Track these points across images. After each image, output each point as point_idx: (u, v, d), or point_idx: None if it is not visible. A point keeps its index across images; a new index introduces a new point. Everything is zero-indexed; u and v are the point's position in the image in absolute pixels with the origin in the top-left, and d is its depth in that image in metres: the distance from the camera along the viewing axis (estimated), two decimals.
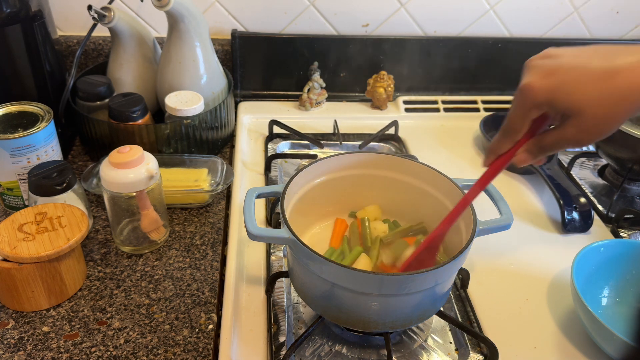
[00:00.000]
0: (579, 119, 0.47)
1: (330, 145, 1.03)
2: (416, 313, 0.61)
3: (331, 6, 1.12)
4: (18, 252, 0.63)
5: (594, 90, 0.46)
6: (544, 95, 0.48)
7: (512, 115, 0.51)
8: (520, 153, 0.53)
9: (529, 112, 0.50)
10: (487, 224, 0.63)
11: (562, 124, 0.49)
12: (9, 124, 0.76)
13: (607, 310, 0.72)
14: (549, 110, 0.49)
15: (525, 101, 0.49)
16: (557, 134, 0.50)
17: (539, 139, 0.52)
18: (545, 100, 0.48)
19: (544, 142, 0.51)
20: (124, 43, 0.95)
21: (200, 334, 0.66)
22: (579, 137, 0.49)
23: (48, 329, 0.65)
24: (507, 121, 0.52)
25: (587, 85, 0.46)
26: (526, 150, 0.53)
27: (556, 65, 0.48)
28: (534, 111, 0.50)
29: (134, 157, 0.70)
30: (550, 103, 0.48)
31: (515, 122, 0.51)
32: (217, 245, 0.79)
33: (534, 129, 0.52)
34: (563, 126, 0.49)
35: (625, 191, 0.96)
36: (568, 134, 0.49)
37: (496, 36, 1.17)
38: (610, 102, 0.46)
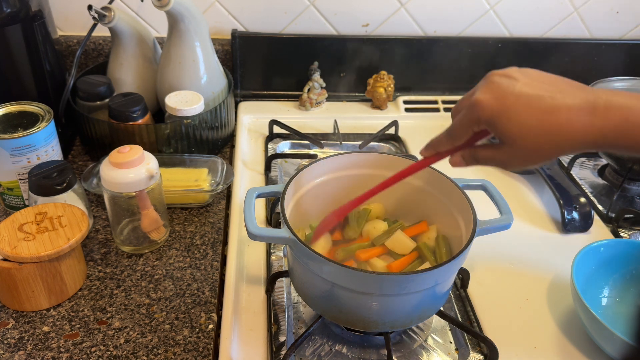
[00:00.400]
0: (511, 147, 0.50)
1: (330, 145, 1.03)
2: (416, 313, 0.61)
3: (331, 6, 1.12)
4: (18, 251, 0.63)
5: (529, 124, 0.48)
6: (487, 115, 0.49)
7: (457, 123, 0.53)
8: (456, 156, 0.56)
9: (472, 124, 0.52)
10: (487, 224, 0.63)
11: (498, 145, 0.51)
12: (9, 123, 0.76)
13: (607, 310, 0.72)
14: (490, 130, 0.51)
15: (471, 115, 0.51)
16: (490, 153, 0.53)
17: (475, 151, 0.54)
18: (487, 120, 0.50)
19: (478, 155, 0.54)
20: (124, 43, 0.95)
21: (201, 334, 0.66)
22: (508, 162, 0.52)
23: (48, 329, 0.65)
24: (452, 127, 0.54)
25: (524, 118, 0.48)
26: (462, 155, 0.56)
27: (509, 89, 0.49)
28: (475, 125, 0.52)
29: (134, 157, 0.70)
30: (491, 124, 0.50)
31: (458, 130, 0.54)
32: (217, 245, 0.79)
33: (474, 139, 0.55)
34: (497, 147, 0.52)
35: (625, 191, 0.96)
36: (499, 156, 0.52)
37: (496, 36, 1.17)
38: (542, 139, 0.48)
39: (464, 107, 0.52)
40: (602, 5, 1.17)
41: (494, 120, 0.49)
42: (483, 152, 0.54)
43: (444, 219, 0.70)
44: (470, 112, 0.51)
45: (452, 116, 0.56)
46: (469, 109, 0.51)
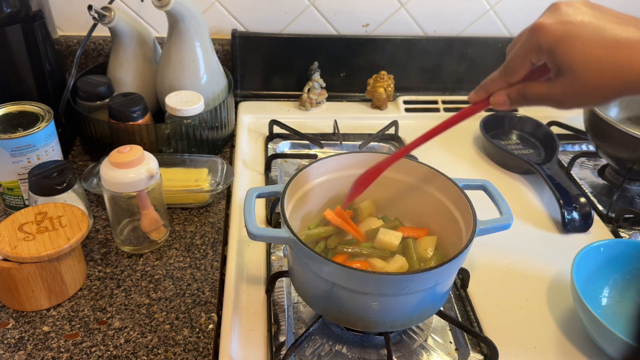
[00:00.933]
0: (569, 78, 0.45)
1: (330, 145, 1.03)
2: (416, 313, 0.61)
3: (331, 6, 1.12)
4: (18, 251, 0.63)
5: (595, 54, 0.44)
6: (550, 40, 0.45)
7: (514, 54, 0.49)
8: (500, 94, 0.51)
9: (531, 54, 0.48)
10: (487, 223, 0.63)
11: (554, 79, 0.47)
12: (9, 123, 0.76)
13: (607, 310, 0.72)
14: (548, 60, 0.47)
15: (531, 40, 0.47)
16: (543, 87, 0.48)
17: (525, 87, 0.50)
18: (549, 46, 0.46)
19: (526, 91, 0.49)
20: (124, 43, 0.95)
21: (201, 334, 0.66)
22: (563, 97, 0.47)
23: (48, 329, 0.65)
24: (507, 60, 0.50)
25: (591, 47, 0.44)
26: (507, 94, 0.51)
27: (576, 16, 0.45)
28: (535, 55, 0.48)
29: (134, 157, 0.70)
30: (552, 51, 0.46)
31: (514, 61, 0.49)
32: (217, 245, 0.79)
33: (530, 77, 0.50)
34: (553, 81, 0.47)
35: (625, 191, 0.96)
36: (553, 91, 0.47)
37: (496, 36, 1.17)
38: (604, 71, 0.44)
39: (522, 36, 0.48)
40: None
41: (556, 47, 0.45)
42: (535, 87, 0.49)
43: (444, 219, 0.70)
44: (531, 38, 0.47)
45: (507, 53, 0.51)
46: (529, 35, 0.47)
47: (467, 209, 0.64)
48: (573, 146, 1.11)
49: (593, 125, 0.94)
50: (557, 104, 0.48)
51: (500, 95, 0.51)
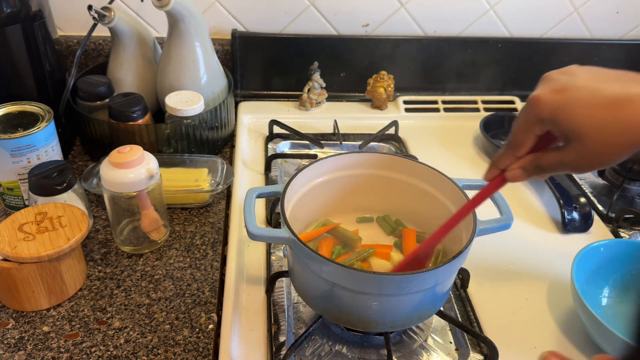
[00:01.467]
0: (579, 143, 0.45)
1: (330, 145, 1.03)
2: (416, 313, 0.61)
3: (331, 6, 1.12)
4: (18, 251, 0.63)
5: (599, 116, 0.43)
6: (549, 111, 0.46)
7: (517, 128, 0.50)
8: (514, 169, 0.51)
9: (533, 126, 0.48)
10: (487, 223, 0.63)
11: (564, 147, 0.47)
12: (9, 124, 0.76)
13: (607, 310, 0.72)
14: (553, 129, 0.47)
15: (530, 114, 0.47)
16: (556, 155, 0.48)
17: (538, 157, 0.50)
18: (550, 117, 0.46)
19: (541, 162, 0.49)
20: (124, 43, 0.95)
21: (201, 334, 0.66)
22: (577, 162, 0.46)
23: (48, 329, 0.65)
24: (512, 134, 0.50)
25: (593, 109, 0.44)
26: (521, 166, 0.51)
27: (570, 83, 0.45)
28: (537, 127, 0.48)
29: (134, 157, 0.70)
30: (554, 121, 0.46)
31: (519, 135, 0.49)
32: (217, 245, 0.79)
33: (537, 148, 0.50)
34: (564, 149, 0.47)
35: (625, 191, 0.96)
36: (567, 158, 0.47)
37: (496, 36, 1.17)
38: (613, 131, 0.43)
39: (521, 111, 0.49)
40: (602, 5, 1.17)
41: (557, 115, 0.45)
42: (548, 157, 0.48)
43: (444, 219, 0.69)
44: (530, 111, 0.47)
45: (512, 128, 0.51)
46: (527, 109, 0.47)
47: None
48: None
49: None
50: (575, 170, 0.47)
51: (515, 170, 0.51)
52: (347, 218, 0.78)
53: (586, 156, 0.45)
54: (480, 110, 1.16)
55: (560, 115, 0.45)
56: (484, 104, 1.18)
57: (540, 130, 0.48)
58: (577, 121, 0.44)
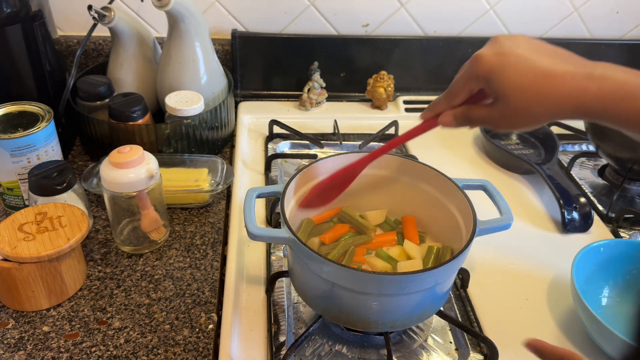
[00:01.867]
0: (504, 103, 0.50)
1: (330, 145, 1.03)
2: (416, 313, 0.61)
3: (331, 6, 1.12)
4: (18, 251, 0.63)
5: (525, 83, 0.48)
6: (486, 70, 0.50)
7: (456, 80, 0.54)
8: (447, 115, 0.55)
9: (470, 81, 0.52)
10: (487, 223, 0.63)
11: (492, 104, 0.52)
12: (9, 124, 0.76)
13: (607, 310, 0.72)
14: (485, 87, 0.51)
15: (470, 69, 0.52)
16: (483, 110, 0.52)
17: (468, 109, 0.54)
18: (485, 75, 0.50)
19: (471, 113, 0.54)
20: (124, 43, 0.95)
21: (201, 334, 0.66)
22: (499, 120, 0.51)
23: (48, 329, 0.65)
24: (451, 85, 0.55)
25: (521, 76, 0.48)
26: (453, 114, 0.55)
27: (512, 49, 0.50)
28: (474, 82, 0.52)
29: (134, 157, 0.70)
30: (488, 79, 0.50)
31: (457, 86, 0.54)
32: (217, 245, 0.79)
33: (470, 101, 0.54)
34: (492, 106, 0.52)
35: (625, 191, 0.96)
36: (492, 114, 0.52)
37: None
38: (534, 99, 0.48)
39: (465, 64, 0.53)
40: (602, 5, 1.17)
41: (491, 76, 0.50)
42: (476, 110, 0.53)
43: (444, 219, 0.70)
44: (470, 66, 0.52)
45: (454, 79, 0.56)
46: (469, 64, 0.52)
47: (467, 209, 0.64)
48: (573, 146, 1.11)
49: (593, 125, 0.94)
50: (494, 126, 0.52)
51: (447, 115, 0.55)
52: None
53: (507, 116, 0.50)
54: None
55: (494, 75, 0.49)
56: None
57: (476, 85, 0.52)
58: (506, 83, 0.49)
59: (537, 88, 0.48)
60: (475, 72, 0.51)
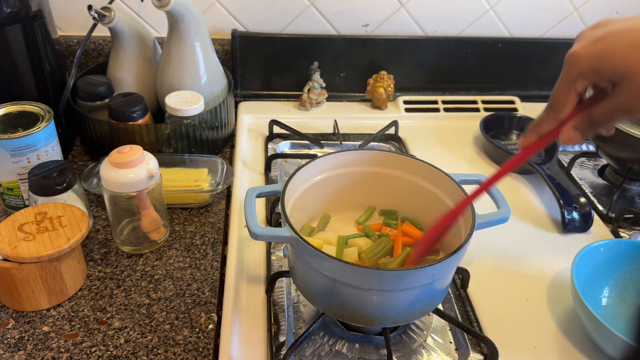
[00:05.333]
0: (627, 83, 0.44)
1: (331, 145, 1.03)
2: (417, 307, 0.61)
3: (331, 6, 1.12)
4: (18, 251, 0.63)
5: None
6: (589, 62, 0.45)
7: (557, 89, 0.48)
8: (567, 130, 0.49)
9: (574, 83, 0.46)
10: (485, 217, 0.63)
11: (612, 93, 0.45)
12: (9, 123, 0.76)
13: (607, 310, 0.72)
14: (597, 80, 0.46)
15: (570, 71, 0.46)
16: (607, 104, 0.46)
17: (588, 113, 0.47)
18: (591, 68, 0.45)
19: (593, 115, 0.47)
20: (124, 43, 0.95)
21: (201, 334, 0.66)
22: (630, 103, 0.44)
23: (48, 329, 0.65)
24: (552, 97, 0.49)
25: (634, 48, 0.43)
26: (574, 126, 0.48)
27: (606, 31, 0.45)
28: (579, 82, 0.46)
29: (134, 157, 0.70)
30: (596, 70, 0.45)
31: (559, 96, 0.48)
32: (217, 245, 0.79)
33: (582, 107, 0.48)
34: (612, 95, 0.45)
35: (625, 191, 0.96)
36: (618, 101, 0.45)
37: (496, 36, 1.17)
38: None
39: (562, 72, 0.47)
40: (602, 5, 1.17)
41: (599, 63, 0.44)
42: (599, 108, 0.46)
43: (442, 214, 0.69)
44: (568, 69, 0.46)
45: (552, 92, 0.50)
46: (566, 67, 0.46)
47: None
48: (573, 146, 1.11)
49: None
50: (628, 113, 0.46)
51: (568, 130, 0.49)
52: (346, 215, 0.78)
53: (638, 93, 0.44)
54: (480, 110, 1.17)
55: (603, 62, 0.44)
56: (484, 104, 1.18)
57: (582, 86, 0.47)
58: (621, 62, 0.43)
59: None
60: (578, 71, 0.46)
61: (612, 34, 0.44)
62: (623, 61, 0.43)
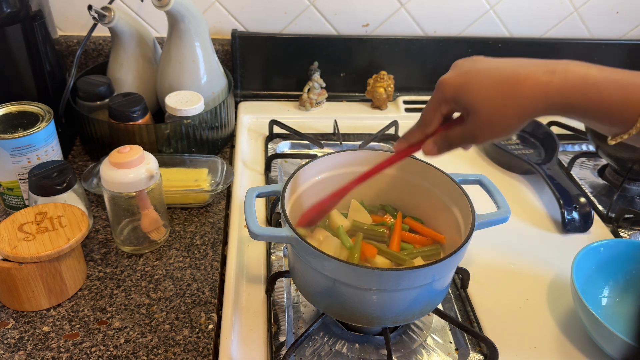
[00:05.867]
0: (476, 115, 0.51)
1: (331, 145, 1.03)
2: (417, 307, 0.61)
3: (331, 6, 1.12)
4: (18, 251, 0.63)
5: (492, 91, 0.50)
6: (452, 91, 0.52)
7: (426, 108, 0.56)
8: (428, 144, 0.57)
9: (440, 106, 0.54)
10: (485, 217, 0.63)
11: (465, 121, 0.53)
12: (10, 124, 0.76)
13: (607, 310, 0.72)
14: (455, 107, 0.53)
15: (437, 94, 0.54)
16: (459, 129, 0.54)
17: (445, 133, 0.55)
18: (452, 96, 0.52)
19: (449, 135, 0.55)
20: (124, 43, 0.95)
21: (201, 334, 0.66)
22: (476, 132, 0.52)
23: (48, 329, 0.65)
24: (422, 114, 0.56)
25: (487, 87, 0.50)
26: (433, 141, 0.56)
27: (471, 67, 0.52)
28: (443, 106, 0.54)
29: (134, 157, 0.70)
30: (456, 98, 0.52)
31: (428, 115, 0.56)
32: (217, 245, 0.79)
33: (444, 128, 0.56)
34: (465, 122, 0.53)
35: (625, 191, 0.96)
36: (468, 129, 0.53)
37: (496, 36, 1.17)
38: (503, 104, 0.49)
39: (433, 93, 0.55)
40: (602, 5, 1.17)
41: (458, 95, 0.52)
42: (453, 131, 0.55)
43: (442, 215, 0.70)
44: (437, 92, 0.54)
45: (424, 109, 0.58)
46: (436, 90, 0.54)
47: (465, 204, 0.64)
48: (573, 146, 1.11)
49: None
50: (473, 140, 0.54)
51: (428, 144, 0.57)
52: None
53: (482, 126, 0.52)
54: None
55: (461, 93, 0.52)
56: None
57: (446, 109, 0.54)
58: (474, 97, 0.51)
59: (503, 94, 0.49)
60: (442, 96, 0.53)
61: (473, 72, 0.52)
62: (473, 97, 0.51)
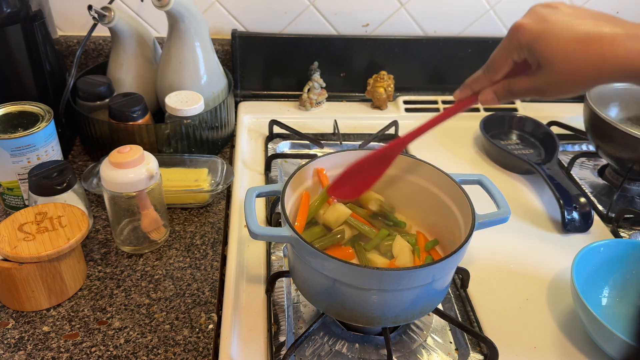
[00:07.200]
0: (549, 70, 0.49)
1: (331, 145, 1.03)
2: (417, 307, 0.61)
3: (331, 6, 1.12)
4: (18, 251, 0.63)
5: (569, 48, 0.48)
6: (528, 38, 0.49)
7: (496, 54, 0.53)
8: (487, 92, 0.55)
9: (512, 52, 0.52)
10: (485, 217, 0.63)
11: (535, 73, 0.51)
12: (9, 124, 0.76)
13: (607, 310, 0.72)
14: (528, 56, 0.51)
15: (511, 40, 0.51)
16: (527, 81, 0.52)
17: (510, 82, 0.53)
18: (527, 44, 0.50)
19: (512, 87, 0.53)
20: (124, 43, 0.95)
21: (201, 334, 0.66)
22: (544, 87, 0.51)
23: (48, 329, 0.65)
24: (490, 59, 0.54)
25: (565, 41, 0.48)
26: (494, 90, 0.54)
27: (551, 15, 0.49)
28: (516, 53, 0.51)
29: (134, 157, 0.70)
30: (531, 47, 0.50)
31: (497, 60, 0.53)
32: (217, 245, 0.79)
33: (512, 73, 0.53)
34: (535, 75, 0.51)
35: (625, 191, 0.96)
36: (536, 83, 0.51)
37: (496, 36, 1.17)
38: (579, 64, 0.47)
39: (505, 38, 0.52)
40: (602, 6, 1.17)
41: (534, 44, 0.49)
42: (519, 82, 0.52)
43: (442, 215, 0.70)
44: (511, 37, 0.51)
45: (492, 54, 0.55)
46: (509, 35, 0.51)
47: (465, 203, 0.64)
48: (573, 146, 1.11)
49: (593, 125, 0.94)
50: (540, 94, 0.52)
51: (488, 93, 0.55)
52: None
53: (552, 82, 0.50)
54: (480, 110, 1.16)
55: (537, 43, 0.49)
56: None
57: (518, 57, 0.52)
58: (550, 50, 0.48)
59: (584, 53, 0.47)
60: (517, 42, 0.50)
61: (555, 22, 0.49)
62: (552, 50, 0.48)
